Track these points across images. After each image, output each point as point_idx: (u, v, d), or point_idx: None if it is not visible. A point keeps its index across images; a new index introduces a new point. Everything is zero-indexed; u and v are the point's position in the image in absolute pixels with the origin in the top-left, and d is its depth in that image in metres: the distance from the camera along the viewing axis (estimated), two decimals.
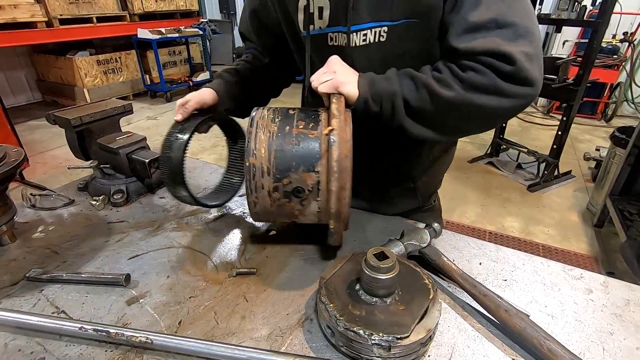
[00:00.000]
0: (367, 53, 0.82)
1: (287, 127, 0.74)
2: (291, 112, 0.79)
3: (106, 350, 0.64)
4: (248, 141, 0.74)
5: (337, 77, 0.74)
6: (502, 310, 0.66)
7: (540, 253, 2.59)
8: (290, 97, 1.87)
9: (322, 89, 0.75)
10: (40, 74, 5.91)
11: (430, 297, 0.65)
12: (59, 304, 0.74)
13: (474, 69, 0.69)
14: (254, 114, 0.78)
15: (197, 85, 6.53)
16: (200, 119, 0.89)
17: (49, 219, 1.04)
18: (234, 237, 0.95)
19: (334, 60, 0.78)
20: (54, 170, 3.70)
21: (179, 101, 0.91)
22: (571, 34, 5.34)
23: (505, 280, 0.80)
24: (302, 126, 0.75)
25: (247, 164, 0.73)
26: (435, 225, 0.87)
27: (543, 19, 3.21)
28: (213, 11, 9.09)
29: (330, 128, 0.69)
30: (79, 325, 0.64)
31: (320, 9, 0.84)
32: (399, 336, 0.58)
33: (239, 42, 8.92)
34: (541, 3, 3.97)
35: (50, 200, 1.11)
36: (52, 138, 4.51)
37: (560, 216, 3.06)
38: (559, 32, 3.73)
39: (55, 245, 0.92)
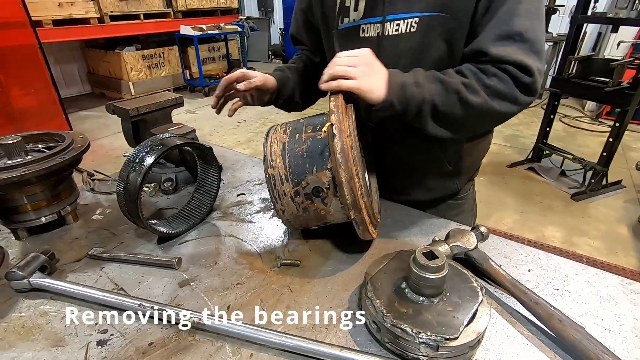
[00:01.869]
0: (397, 43, 0.86)
1: (297, 135, 0.80)
2: (301, 121, 0.85)
3: (162, 328, 0.68)
4: (265, 155, 0.80)
5: (361, 83, 0.74)
6: (555, 319, 0.64)
7: (588, 266, 2.45)
8: None
9: (343, 87, 0.74)
10: (91, 67, 6.29)
11: (479, 300, 0.64)
12: (118, 281, 0.79)
13: (498, 76, 0.74)
14: (268, 131, 0.86)
15: None
16: (170, 146, 0.88)
17: (106, 202, 1.11)
18: (277, 229, 0.97)
19: (364, 54, 0.77)
20: (101, 158, 3.93)
21: (241, 71, 0.96)
22: (628, 34, 4.98)
23: (557, 289, 0.76)
24: (310, 130, 0.80)
25: (267, 175, 0.79)
26: (482, 228, 0.85)
27: (598, 17, 3.02)
28: (251, 9, 9.28)
29: (329, 124, 0.71)
30: (139, 302, 0.69)
31: (357, 1, 0.88)
32: (447, 337, 0.57)
33: (274, 40, 9.05)
34: (596, 1, 3.74)
35: (107, 185, 1.19)
36: (100, 128, 4.80)
37: (607, 228, 2.87)
38: (615, 32, 3.49)
39: (113, 227, 0.98)
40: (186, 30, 5.71)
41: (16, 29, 3.09)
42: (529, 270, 0.81)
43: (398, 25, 0.84)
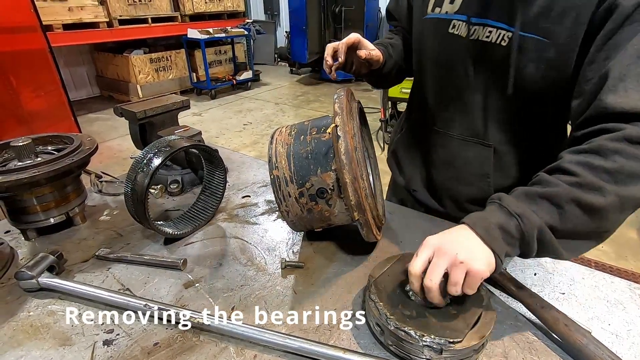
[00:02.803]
0: (483, 51, 0.80)
1: (302, 136, 0.81)
2: (306, 123, 0.86)
3: (167, 328, 0.68)
4: (270, 157, 0.80)
5: (470, 265, 0.56)
6: (561, 324, 0.63)
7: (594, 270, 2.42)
8: None
9: (454, 290, 0.58)
10: (100, 70, 6.38)
11: (484, 303, 0.64)
12: (124, 281, 0.80)
13: (620, 152, 0.55)
14: (273, 133, 0.86)
15: (241, 84, 6.75)
16: (178, 148, 0.89)
17: (113, 203, 1.12)
18: (282, 231, 0.98)
19: (441, 237, 0.62)
20: (109, 160, 3.98)
21: (356, 36, 0.93)
22: None
23: (563, 293, 0.76)
24: (314, 132, 0.81)
25: (272, 177, 0.80)
26: None
27: None
28: (258, 12, 9.34)
29: (333, 125, 0.72)
30: (144, 303, 0.69)
31: None
32: (451, 340, 0.57)
33: (281, 42, 9.10)
34: None
35: (114, 187, 1.20)
36: (108, 130, 4.85)
37: (616, 232, 2.83)
38: None
39: (120, 228, 0.99)
40: (193, 33, 5.77)
41: (27, 33, 3.15)
42: (535, 274, 0.81)
43: (490, 32, 0.78)
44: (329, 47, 0.93)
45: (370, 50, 0.93)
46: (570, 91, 0.71)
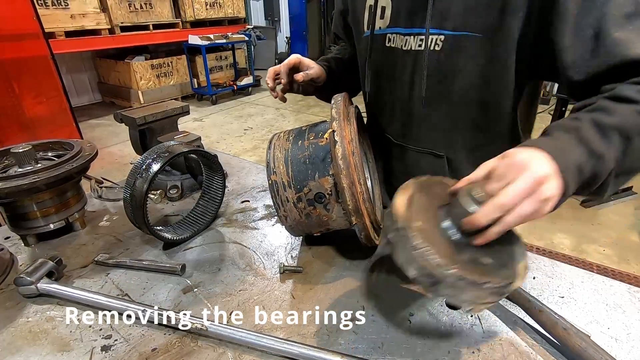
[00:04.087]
0: (420, 59, 0.80)
1: (300, 142, 0.81)
2: (304, 128, 0.86)
3: (165, 334, 0.68)
4: (268, 162, 0.81)
5: (537, 196, 0.48)
6: (559, 328, 0.63)
7: (594, 273, 2.41)
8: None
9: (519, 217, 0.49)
10: (101, 76, 6.42)
11: (513, 235, 0.57)
12: (123, 287, 0.80)
13: None
14: (271, 138, 0.87)
15: (241, 89, 6.78)
16: (176, 154, 0.89)
17: (113, 209, 1.13)
18: (281, 235, 0.98)
19: (516, 155, 0.51)
20: (110, 165, 3.99)
21: (296, 57, 0.94)
22: None
23: (562, 297, 0.75)
24: (312, 137, 0.81)
25: (270, 182, 0.80)
26: None
27: None
28: (258, 18, 9.41)
29: (330, 130, 0.73)
30: (142, 308, 0.70)
31: (383, 9, 0.84)
32: (510, 281, 0.50)
33: (281, 48, 9.15)
34: None
35: (114, 192, 1.21)
36: (109, 136, 4.88)
37: (618, 235, 2.82)
38: None
39: (119, 234, 0.99)
40: (194, 40, 5.81)
41: (30, 40, 3.18)
42: (534, 278, 0.81)
43: (422, 40, 0.77)
44: (270, 71, 0.96)
45: (308, 72, 0.94)
46: (516, 84, 0.73)
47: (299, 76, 0.92)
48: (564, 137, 0.53)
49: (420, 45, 0.79)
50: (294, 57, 0.95)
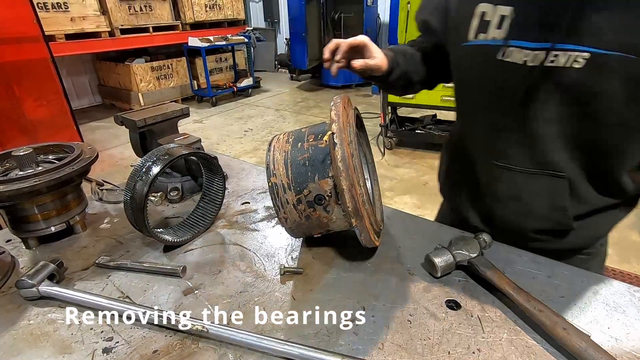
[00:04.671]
0: (549, 77, 0.71)
1: (300, 144, 0.81)
2: (303, 130, 0.86)
3: (166, 336, 0.69)
4: (267, 164, 0.81)
5: None
6: (559, 327, 0.63)
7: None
8: None
9: None
10: (102, 79, 6.44)
11: None
12: (124, 289, 0.81)
13: None
14: (271, 140, 0.86)
15: (241, 91, 6.80)
16: (176, 156, 0.90)
17: (114, 211, 1.13)
18: (281, 237, 0.98)
19: None
20: (110, 168, 4.00)
21: (363, 39, 0.88)
22: None
23: (563, 297, 0.75)
24: (312, 139, 0.81)
25: (270, 184, 0.80)
26: (486, 235, 0.85)
27: None
28: (258, 19, 9.43)
29: (330, 132, 0.73)
30: (143, 310, 0.70)
31: (502, 18, 0.74)
32: None
33: (281, 49, 9.17)
34: None
35: (115, 195, 1.21)
36: (109, 138, 4.89)
37: (618, 235, 2.82)
38: None
39: (120, 236, 1.00)
40: (194, 42, 5.83)
41: (30, 43, 3.19)
42: (534, 278, 0.81)
43: (556, 56, 0.69)
44: (332, 42, 0.88)
45: (368, 60, 0.88)
46: None
47: (357, 63, 0.86)
48: None
49: (553, 62, 0.70)
50: (361, 39, 0.88)
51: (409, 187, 3.60)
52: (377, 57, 0.89)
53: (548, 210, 0.85)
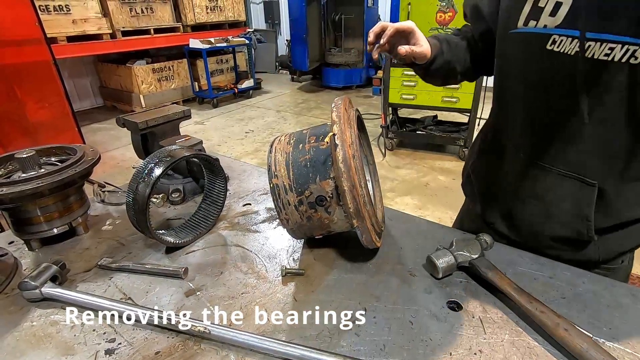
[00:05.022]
0: (600, 71, 0.66)
1: (301, 145, 0.82)
2: (304, 131, 0.86)
3: (168, 337, 0.69)
4: (269, 165, 0.82)
5: None
6: (561, 328, 0.63)
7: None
8: None
9: None
10: (103, 81, 6.46)
11: None
12: (126, 290, 0.81)
13: None
14: (272, 141, 0.87)
15: (242, 92, 6.81)
16: (178, 158, 0.90)
17: (116, 213, 1.13)
18: (282, 238, 0.98)
19: None
20: (112, 169, 4.01)
21: (410, 25, 0.85)
22: None
23: (564, 297, 0.75)
24: (313, 140, 0.81)
25: (271, 185, 0.81)
26: (487, 236, 0.85)
27: None
28: (259, 21, 9.46)
29: (331, 134, 0.73)
30: (145, 312, 0.70)
31: (558, 5, 0.69)
32: None
33: (282, 51, 9.19)
34: None
35: (117, 197, 1.22)
36: (111, 140, 4.90)
37: None
38: None
39: (122, 238, 1.00)
40: (195, 43, 5.84)
41: (32, 46, 3.20)
42: (535, 279, 0.81)
43: (611, 49, 0.63)
44: (378, 25, 0.85)
45: (414, 47, 0.84)
46: None
47: (403, 50, 0.83)
48: None
49: (608, 55, 0.64)
50: (408, 25, 0.85)
51: (410, 188, 3.60)
52: (423, 47, 0.86)
53: (570, 217, 0.81)
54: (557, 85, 0.74)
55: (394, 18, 5.43)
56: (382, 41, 0.84)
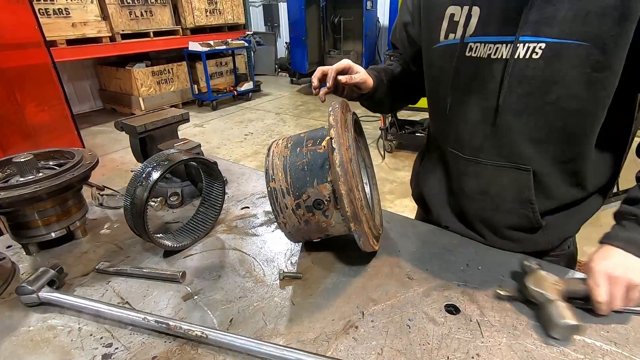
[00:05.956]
0: (511, 69, 0.75)
1: (298, 149, 0.82)
2: (302, 135, 0.86)
3: (165, 341, 0.69)
4: (267, 169, 0.81)
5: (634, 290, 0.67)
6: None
7: None
8: None
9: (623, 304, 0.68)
10: (103, 84, 6.46)
11: None
12: (124, 295, 0.81)
13: None
14: (270, 145, 0.87)
15: (242, 95, 6.82)
16: (176, 162, 0.90)
17: (114, 217, 1.13)
18: (280, 242, 0.98)
19: (600, 268, 0.69)
20: (111, 172, 4.01)
21: (347, 62, 0.92)
22: None
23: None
24: (310, 144, 0.81)
25: (269, 189, 0.81)
26: (533, 262, 0.80)
27: None
28: (258, 24, 9.48)
29: (328, 138, 0.73)
30: (143, 316, 0.70)
31: (469, 17, 0.79)
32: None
33: (281, 53, 9.21)
34: None
35: (115, 200, 1.22)
36: (111, 143, 4.90)
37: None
38: None
39: (120, 241, 1.00)
40: (194, 46, 5.86)
41: (32, 49, 3.21)
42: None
43: (516, 48, 0.73)
44: (318, 71, 0.92)
45: (353, 75, 0.91)
46: (619, 94, 0.71)
47: (343, 78, 0.89)
48: (629, 224, 0.72)
49: (513, 54, 0.74)
50: (345, 62, 0.92)
51: (409, 190, 3.60)
52: (361, 73, 0.93)
53: (515, 204, 0.88)
54: (480, 87, 0.82)
55: (392, 21, 5.45)
56: (329, 84, 0.91)
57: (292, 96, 7.38)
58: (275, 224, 1.06)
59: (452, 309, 0.74)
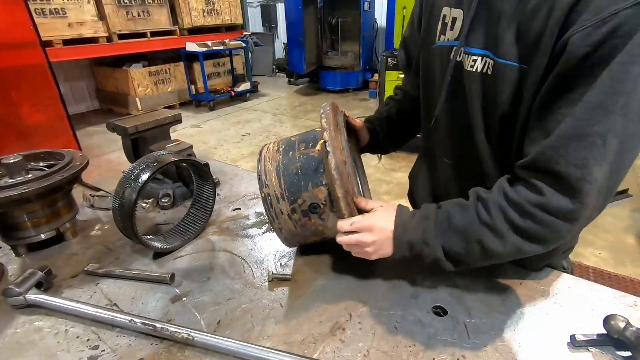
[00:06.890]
0: (471, 79, 0.75)
1: (291, 153, 0.81)
2: (293, 138, 0.85)
3: (152, 343, 0.69)
4: (259, 175, 0.81)
5: (369, 250, 0.72)
6: None
7: (590, 277, 2.40)
8: None
9: (352, 252, 0.75)
10: (99, 84, 6.44)
11: None
12: (112, 297, 0.81)
13: (533, 217, 0.60)
14: (261, 150, 0.86)
15: (239, 95, 6.81)
16: (165, 164, 0.90)
17: (105, 218, 1.13)
18: (271, 243, 0.98)
19: (375, 218, 0.72)
20: (107, 173, 3.99)
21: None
22: None
23: (555, 303, 0.76)
24: (303, 148, 0.80)
25: (263, 195, 0.80)
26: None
27: None
28: (256, 24, 9.47)
29: (322, 141, 0.72)
30: (129, 318, 0.70)
31: (454, 20, 0.78)
32: None
33: (279, 54, 9.21)
34: None
35: (106, 201, 1.21)
36: (107, 143, 4.88)
37: (614, 238, 2.82)
38: None
39: (110, 243, 1.00)
40: (192, 46, 5.85)
41: (27, 49, 3.20)
42: (520, 283, 0.81)
43: (475, 61, 0.73)
44: None
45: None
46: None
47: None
48: (419, 221, 0.71)
49: (472, 67, 0.74)
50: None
51: (405, 191, 3.60)
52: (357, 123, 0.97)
53: None
54: (464, 94, 0.79)
55: (390, 21, 5.45)
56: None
57: (289, 97, 7.38)
58: (267, 225, 1.06)
59: (440, 311, 0.75)
